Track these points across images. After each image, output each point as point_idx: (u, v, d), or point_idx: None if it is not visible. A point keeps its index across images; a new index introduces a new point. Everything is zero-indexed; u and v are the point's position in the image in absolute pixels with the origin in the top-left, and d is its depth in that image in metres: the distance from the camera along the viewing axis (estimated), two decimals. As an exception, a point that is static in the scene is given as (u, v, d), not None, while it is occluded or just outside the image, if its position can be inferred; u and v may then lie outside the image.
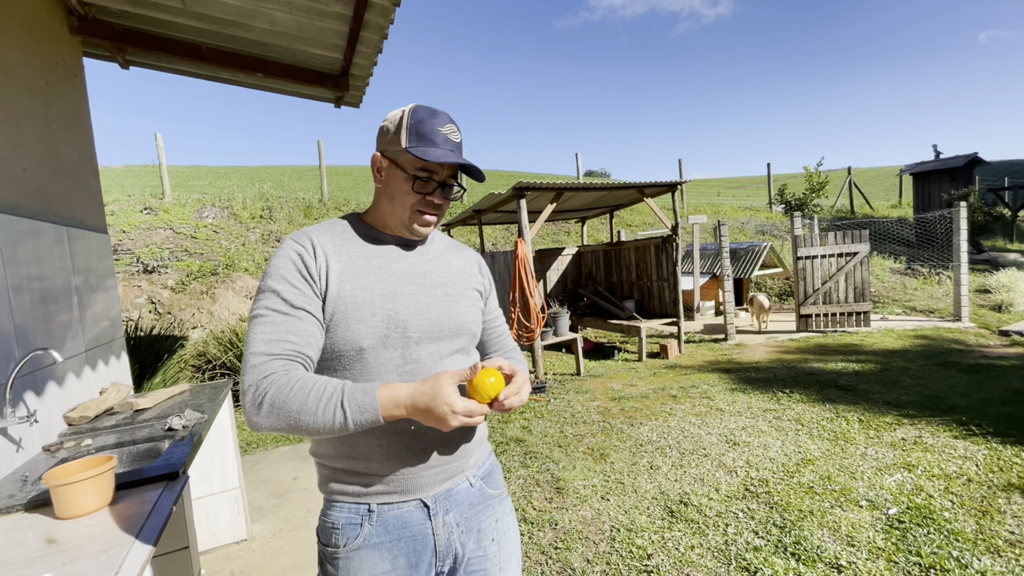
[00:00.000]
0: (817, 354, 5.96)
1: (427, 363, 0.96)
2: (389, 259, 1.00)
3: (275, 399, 0.80)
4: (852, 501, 2.62)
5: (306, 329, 0.88)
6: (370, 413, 0.80)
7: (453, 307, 1.02)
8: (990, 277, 9.37)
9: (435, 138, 0.94)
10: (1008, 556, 2.09)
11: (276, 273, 0.90)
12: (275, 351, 0.85)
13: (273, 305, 0.87)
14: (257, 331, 0.87)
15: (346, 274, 0.94)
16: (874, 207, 17.91)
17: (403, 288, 0.97)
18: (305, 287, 0.90)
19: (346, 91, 3.44)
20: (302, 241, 0.94)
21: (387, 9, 2.59)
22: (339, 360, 0.92)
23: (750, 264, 8.79)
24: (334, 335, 0.91)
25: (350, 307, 0.91)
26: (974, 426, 3.44)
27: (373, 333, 0.91)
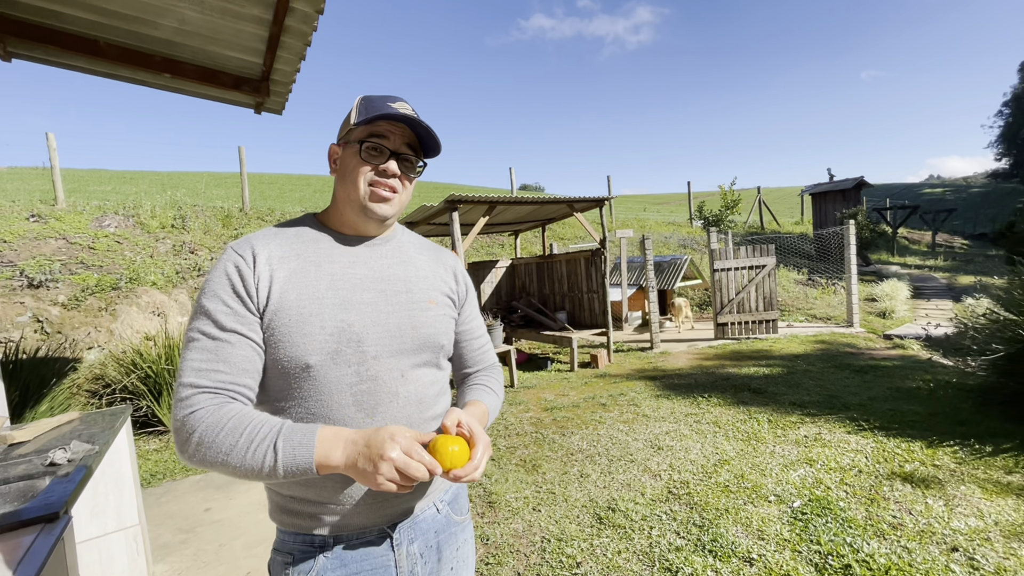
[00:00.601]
0: (732, 360, 6.40)
1: (386, 380, 0.87)
2: (345, 264, 0.91)
3: (203, 438, 0.72)
4: (762, 497, 2.82)
5: (239, 355, 0.79)
6: (303, 457, 0.72)
7: (418, 317, 0.93)
8: (876, 287, 10.52)
9: (384, 108, 0.88)
10: (891, 539, 2.33)
11: (210, 290, 0.82)
12: (204, 383, 0.76)
13: (204, 328, 0.79)
14: (188, 357, 0.78)
15: (292, 282, 0.85)
16: (780, 223, 19.61)
17: (359, 296, 0.88)
18: (238, 305, 0.81)
19: (267, 97, 3.29)
20: (241, 250, 0.85)
21: (309, 16, 2.51)
22: (285, 379, 0.83)
23: (673, 276, 9.30)
24: (276, 351, 0.82)
25: (294, 319, 0.82)
26: (864, 422, 3.82)
27: (321, 348, 0.83)
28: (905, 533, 2.37)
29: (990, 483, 2.79)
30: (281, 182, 24.52)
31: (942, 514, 2.51)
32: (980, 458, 3.09)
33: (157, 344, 4.89)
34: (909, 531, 2.39)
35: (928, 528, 2.40)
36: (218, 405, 0.75)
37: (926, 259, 17.49)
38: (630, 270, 10.10)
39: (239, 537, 2.84)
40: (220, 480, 3.63)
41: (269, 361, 0.83)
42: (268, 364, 0.83)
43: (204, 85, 3.06)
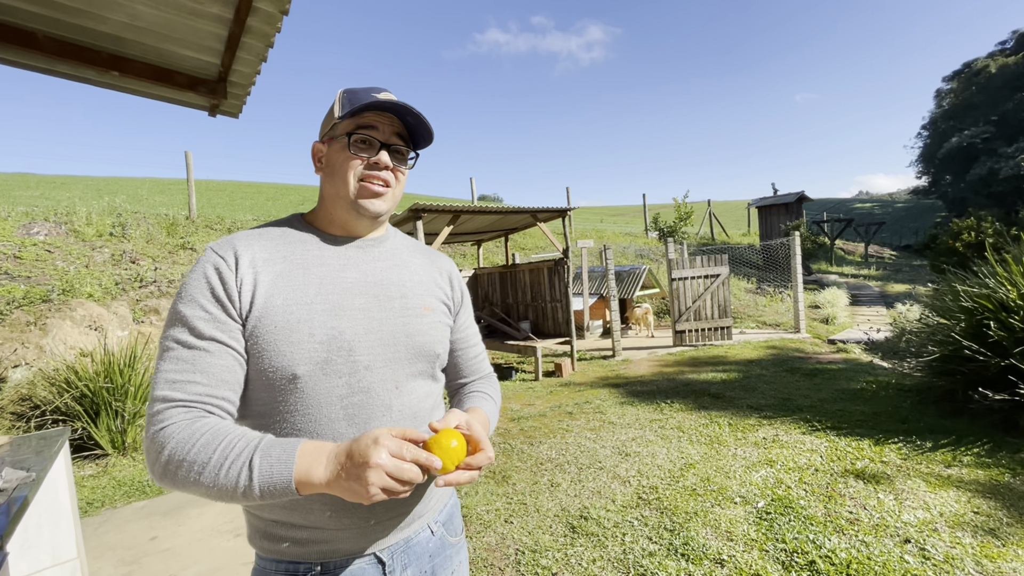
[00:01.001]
0: (691, 366, 6.59)
1: (379, 392, 0.81)
2: (336, 267, 0.85)
3: (173, 456, 0.65)
4: (728, 499, 2.89)
5: (218, 364, 0.73)
6: (281, 475, 0.64)
7: (413, 324, 0.87)
8: (818, 295, 11.16)
9: (369, 99, 0.83)
10: (850, 533, 2.44)
11: (187, 294, 0.75)
12: (178, 396, 0.70)
13: (179, 336, 0.73)
14: (162, 368, 0.72)
15: (278, 287, 0.78)
16: (729, 235, 20.53)
17: (350, 301, 0.82)
18: (218, 311, 0.75)
19: (223, 99, 3.14)
20: (222, 251, 0.79)
21: (273, 17, 2.43)
22: (270, 392, 0.77)
23: (632, 285, 9.53)
24: (260, 361, 0.75)
25: (280, 326, 0.76)
26: (816, 422, 4.01)
27: (309, 357, 0.76)
28: (862, 528, 2.49)
29: (933, 477, 2.98)
30: (231, 189, 23.52)
31: (893, 508, 2.66)
32: (922, 453, 3.30)
33: (95, 361, 4.53)
34: (865, 525, 2.51)
35: (882, 522, 2.53)
36: (191, 420, 0.69)
37: (860, 269, 18.74)
38: (590, 280, 10.27)
39: (191, 567, 2.65)
40: (167, 505, 3.39)
41: (252, 372, 0.77)
42: (251, 375, 0.77)
43: (156, 85, 2.90)
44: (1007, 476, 2.93)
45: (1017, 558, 2.18)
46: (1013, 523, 2.45)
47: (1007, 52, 31.38)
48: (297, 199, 21.98)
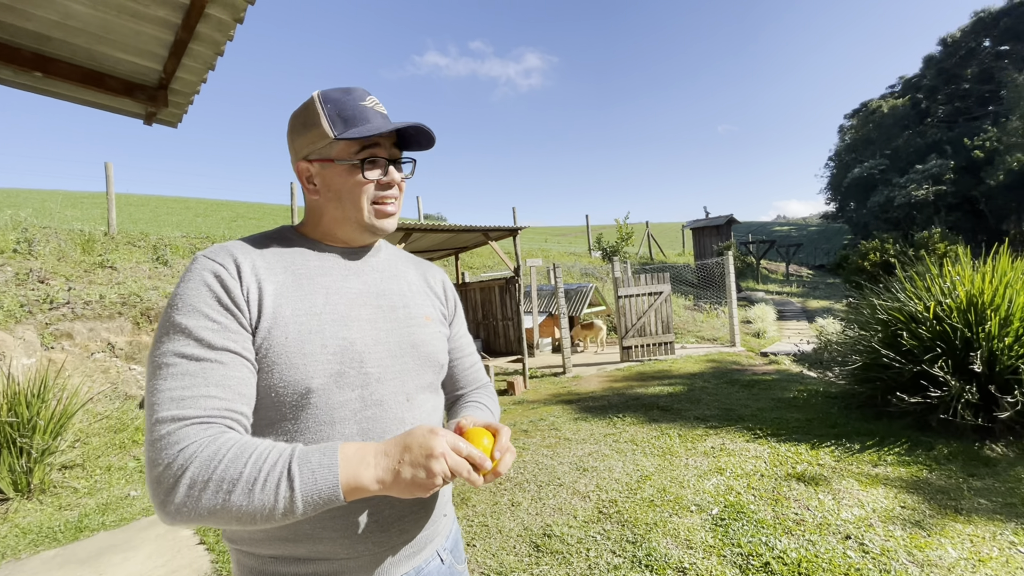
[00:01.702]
0: (639, 380, 6.80)
1: (391, 405, 0.78)
2: (338, 277, 0.82)
3: (197, 478, 0.58)
4: (685, 508, 2.98)
5: (234, 376, 0.67)
6: (326, 481, 0.59)
7: (418, 334, 0.85)
8: (748, 311, 11.91)
9: (362, 113, 0.80)
10: (797, 534, 2.58)
11: (185, 304, 0.68)
12: (192, 413, 0.62)
13: (183, 349, 0.66)
14: (162, 387, 0.63)
15: (285, 296, 0.74)
16: (666, 255, 21.58)
17: (357, 312, 0.80)
18: (227, 319, 0.69)
19: (163, 107, 2.96)
20: (219, 257, 0.73)
21: (226, 24, 2.34)
22: (278, 409, 0.71)
23: (580, 303, 9.75)
24: (270, 375, 0.70)
25: (292, 337, 0.71)
26: (758, 430, 4.24)
27: (324, 370, 0.72)
28: (807, 528, 2.64)
29: (863, 476, 3.23)
30: (154, 204, 21.93)
31: (832, 507, 2.84)
32: (852, 455, 3.57)
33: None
34: (810, 525, 2.66)
35: (824, 521, 2.70)
36: (214, 436, 0.62)
37: (783, 286, 20.23)
38: (539, 298, 10.41)
39: (117, 619, 2.37)
40: (84, 552, 3.03)
41: (260, 388, 0.71)
42: (258, 392, 0.71)
43: (85, 88, 2.68)
44: (925, 472, 3.23)
45: (941, 547, 2.39)
46: (935, 515, 2.69)
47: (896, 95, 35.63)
48: (230, 215, 20.85)
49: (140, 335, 6.19)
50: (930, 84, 32.67)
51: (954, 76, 31.51)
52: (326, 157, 0.80)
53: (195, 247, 9.28)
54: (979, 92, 30.08)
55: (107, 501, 3.79)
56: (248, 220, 19.57)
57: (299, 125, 0.82)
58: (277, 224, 11.26)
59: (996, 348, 3.62)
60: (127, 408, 5.21)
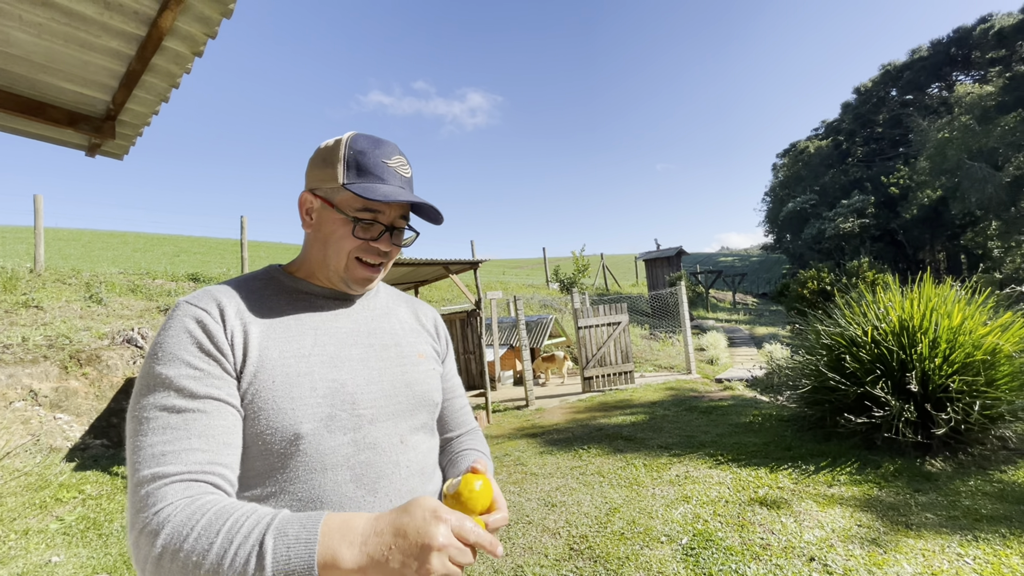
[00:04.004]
0: (602, 411, 6.83)
1: (385, 448, 0.75)
2: (327, 316, 0.79)
3: (168, 544, 0.53)
4: (655, 539, 2.97)
5: (218, 425, 0.63)
6: (300, 558, 0.52)
7: (411, 373, 0.83)
8: (701, 338, 12.33)
9: (381, 172, 0.78)
10: (765, 559, 2.62)
11: (166, 353, 0.65)
12: (173, 469, 0.59)
13: (164, 401, 0.62)
14: (143, 444, 0.59)
15: (272, 338, 0.71)
16: (621, 285, 22.16)
17: (347, 352, 0.77)
18: (210, 365, 0.65)
19: (109, 139, 2.83)
20: (202, 303, 0.70)
21: (184, 58, 2.29)
22: (266, 458, 0.67)
23: (540, 335, 9.79)
24: (257, 422, 0.66)
25: (279, 381, 0.68)
26: (719, 456, 4.33)
27: (313, 413, 0.69)
28: (773, 552, 2.69)
29: (820, 497, 3.34)
30: (87, 238, 20.58)
31: (795, 530, 2.91)
32: (808, 476, 3.70)
33: None
34: (776, 549, 2.71)
35: (789, 544, 2.75)
36: (192, 498, 0.57)
37: (731, 314, 21.14)
38: (500, 330, 10.38)
39: None
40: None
41: (247, 435, 0.67)
42: (245, 440, 0.67)
43: (24, 118, 2.53)
44: (875, 490, 3.38)
45: (897, 563, 2.49)
46: (888, 531, 2.81)
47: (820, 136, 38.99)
48: (172, 250, 19.84)
49: (68, 380, 5.68)
50: (849, 128, 35.99)
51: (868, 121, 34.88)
52: (328, 200, 0.79)
53: (134, 284, 8.73)
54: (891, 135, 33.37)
55: (23, 570, 3.37)
56: (192, 255, 18.67)
57: (319, 158, 0.81)
58: (224, 259, 10.89)
59: (928, 368, 3.90)
60: (50, 463, 4.72)
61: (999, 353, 3.88)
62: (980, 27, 29.83)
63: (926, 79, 32.47)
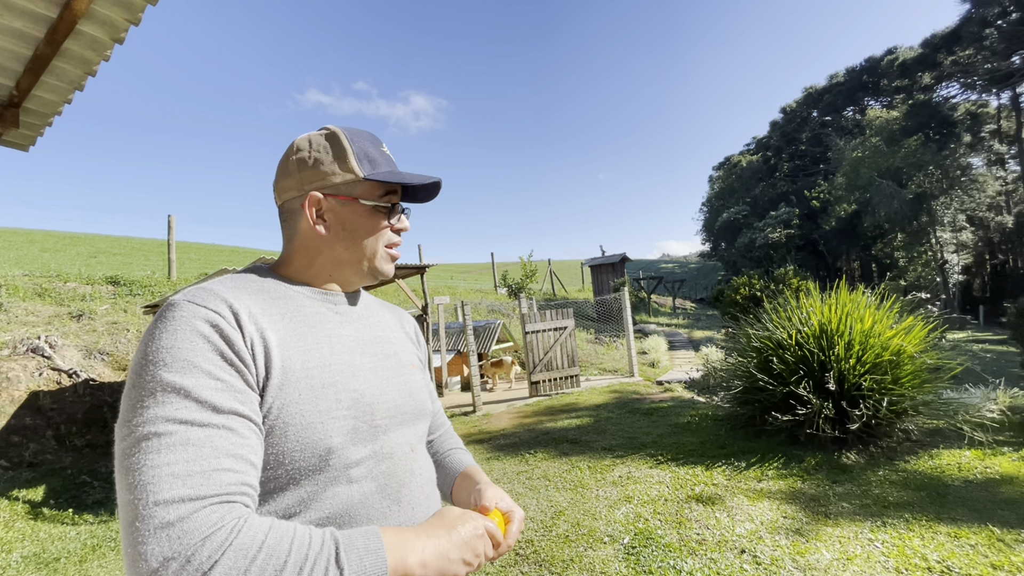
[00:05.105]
0: (548, 415, 6.91)
1: (400, 458, 0.74)
2: (336, 324, 0.76)
3: (231, 571, 0.48)
4: (598, 540, 3.04)
5: (244, 444, 0.58)
6: (375, 565, 0.54)
7: (411, 381, 0.82)
8: (643, 342, 12.77)
9: (385, 159, 0.81)
10: (700, 554, 2.74)
11: (178, 359, 0.57)
12: (207, 491, 0.51)
13: (181, 413, 0.54)
14: (157, 462, 0.51)
15: (291, 347, 0.66)
16: (568, 291, 22.60)
17: (359, 361, 0.74)
18: (232, 377, 0.60)
19: (12, 127, 2.56)
20: (211, 303, 0.63)
21: (102, 44, 2.12)
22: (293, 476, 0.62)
23: (488, 340, 9.79)
24: (284, 439, 0.62)
25: (306, 394, 0.64)
26: (659, 456, 4.49)
27: (341, 426, 0.66)
28: (708, 546, 2.82)
29: (751, 492, 3.53)
30: (-16, 237, 18.48)
31: (728, 524, 3.06)
32: (740, 472, 3.91)
33: None
34: (710, 544, 2.84)
35: (723, 538, 2.89)
36: (241, 518, 0.52)
37: (671, 319, 22.06)
38: (446, 336, 10.29)
39: None
40: None
41: (271, 454, 0.63)
42: (269, 458, 0.63)
43: (-95, 101, 2.25)
44: (799, 483, 3.62)
45: (817, 551, 2.67)
46: (811, 521, 3.02)
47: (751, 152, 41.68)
48: (88, 250, 18.22)
49: (-42, 395, 5.07)
50: (776, 144, 38.65)
51: (793, 139, 37.63)
52: (348, 195, 0.77)
53: (42, 287, 7.94)
54: (813, 153, 36.16)
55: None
56: (112, 256, 17.22)
57: (316, 156, 0.77)
58: (148, 261, 10.21)
59: (844, 368, 4.23)
60: (-66, 489, 4.18)
61: (903, 354, 4.28)
62: (887, 58, 32.99)
63: (842, 102, 35.47)
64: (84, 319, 7.24)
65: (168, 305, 0.62)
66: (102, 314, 7.53)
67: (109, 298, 8.21)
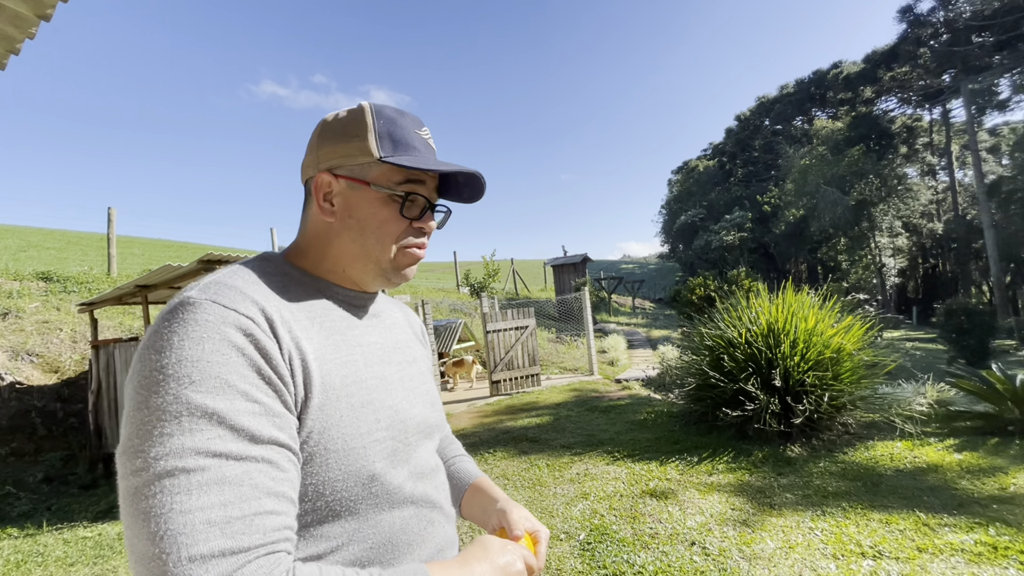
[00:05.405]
0: (509, 414, 6.92)
1: (429, 476, 0.69)
2: (362, 329, 0.69)
3: None
4: (555, 537, 3.06)
5: (284, 479, 0.50)
6: None
7: (431, 391, 0.76)
8: (603, 341, 13.00)
9: (415, 142, 0.68)
10: (653, 547, 2.81)
11: (208, 375, 0.48)
12: (251, 541, 0.44)
13: (215, 444, 0.46)
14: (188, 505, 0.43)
15: (328, 358, 0.59)
16: (530, 290, 22.74)
17: (388, 371, 0.68)
18: (270, 398, 0.51)
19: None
20: (240, 306, 0.53)
21: (27, 21, 1.98)
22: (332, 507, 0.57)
23: (449, 339, 9.72)
24: (325, 468, 0.56)
25: (347, 415, 0.58)
26: (616, 452, 4.58)
27: (382, 449, 0.61)
28: (660, 540, 2.89)
29: (702, 486, 3.65)
30: None
31: (680, 518, 3.15)
32: (692, 467, 4.03)
33: None
34: (663, 537, 2.92)
35: (675, 532, 2.98)
36: (289, 574, 0.46)
37: (631, 318, 22.56)
38: (407, 335, 10.16)
39: None
40: None
41: (311, 484, 0.56)
42: (308, 489, 0.56)
43: None
44: (747, 476, 3.77)
45: (762, 540, 2.79)
46: (757, 512, 3.15)
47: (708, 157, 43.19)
48: (16, 244, 16.94)
49: None
50: (731, 151, 40.15)
51: (747, 145, 39.18)
52: (360, 178, 0.66)
53: (-39, 283, 7.32)
54: (765, 159, 37.76)
55: None
56: (44, 250, 16.06)
57: (335, 132, 0.67)
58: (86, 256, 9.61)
59: (789, 366, 4.44)
60: None
61: (843, 351, 4.52)
62: (833, 71, 34.84)
63: (792, 112, 37.21)
64: (11, 318, 6.72)
65: (185, 304, 0.51)
66: (31, 312, 7.02)
67: (40, 295, 7.65)
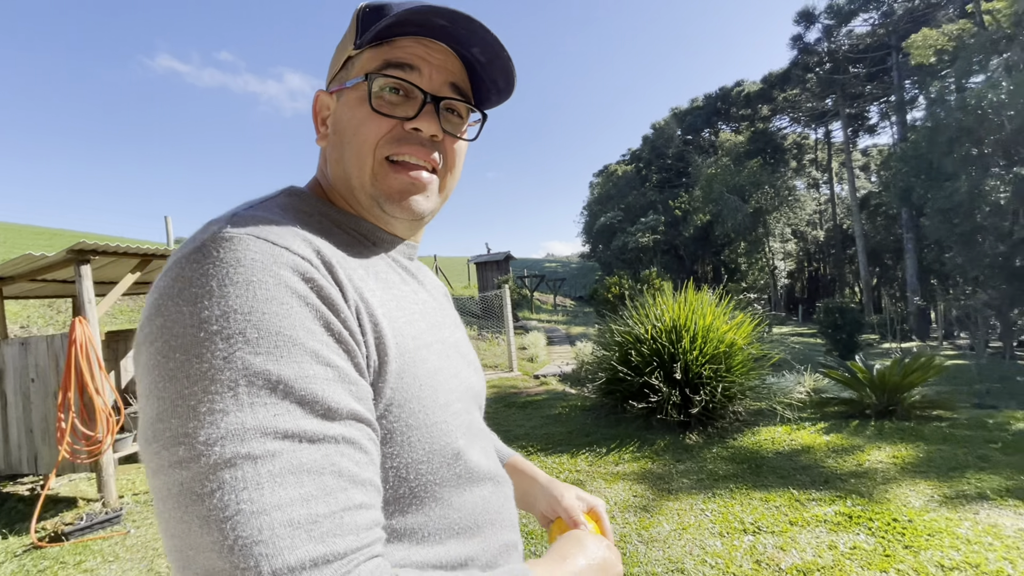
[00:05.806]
0: (426, 412, 6.83)
1: (491, 452, 0.63)
2: (413, 285, 0.58)
3: None
4: (465, 534, 3.06)
5: (370, 463, 0.39)
6: None
7: (476, 358, 0.68)
8: (524, 338, 13.22)
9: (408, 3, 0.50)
10: (559, 537, 2.89)
11: (268, 331, 0.35)
12: (343, 544, 0.33)
13: (284, 422, 0.34)
14: (260, 504, 0.32)
15: (392, 316, 0.47)
16: (454, 287, 22.60)
17: (445, 335, 0.58)
18: (344, 360, 0.39)
19: None
20: (294, 245, 0.41)
21: None
22: (416, 495, 0.47)
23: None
24: (406, 447, 0.45)
25: (425, 383, 0.47)
26: (530, 447, 4.67)
27: (460, 422, 0.52)
28: (567, 530, 2.98)
29: (609, 475, 3.82)
30: None
31: (586, 507, 3.28)
32: (601, 458, 4.21)
33: None
34: (569, 527, 3.01)
35: (580, 521, 3.08)
36: None
37: (552, 315, 23.14)
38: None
39: None
40: None
41: (389, 472, 0.45)
42: (390, 472, 0.45)
43: None
44: (649, 464, 4.00)
45: (659, 524, 2.97)
46: (657, 498, 3.35)
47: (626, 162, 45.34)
48: None
49: None
50: (647, 157, 42.45)
51: (661, 153, 41.62)
52: (342, 83, 0.53)
53: None
54: (677, 167, 40.35)
55: None
56: None
57: (336, 51, 0.57)
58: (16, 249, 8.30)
59: (689, 359, 4.77)
60: None
61: (735, 346, 4.94)
62: (736, 89, 37.96)
63: (701, 124, 40.06)
64: None
65: (219, 240, 0.38)
66: None
67: None
